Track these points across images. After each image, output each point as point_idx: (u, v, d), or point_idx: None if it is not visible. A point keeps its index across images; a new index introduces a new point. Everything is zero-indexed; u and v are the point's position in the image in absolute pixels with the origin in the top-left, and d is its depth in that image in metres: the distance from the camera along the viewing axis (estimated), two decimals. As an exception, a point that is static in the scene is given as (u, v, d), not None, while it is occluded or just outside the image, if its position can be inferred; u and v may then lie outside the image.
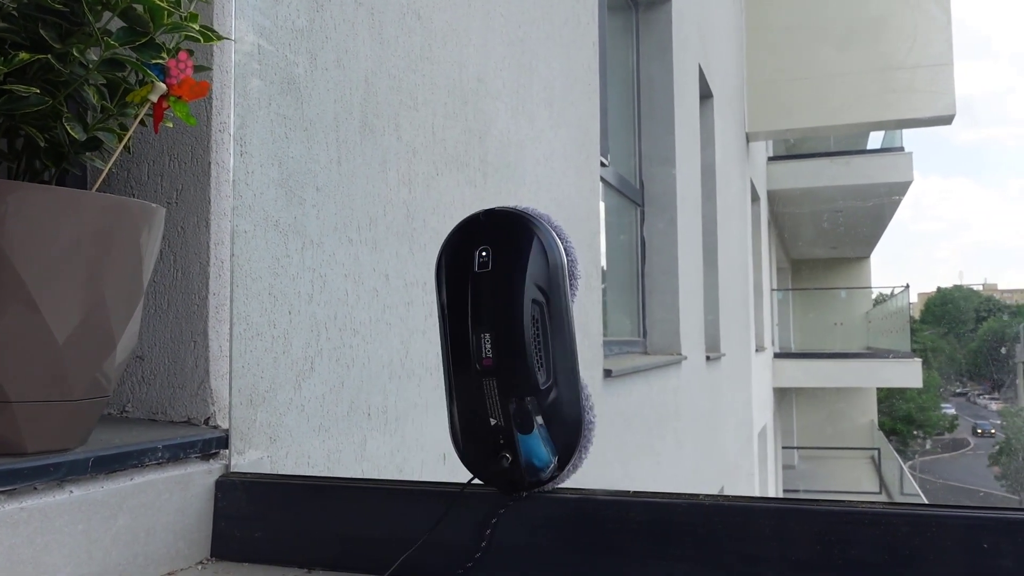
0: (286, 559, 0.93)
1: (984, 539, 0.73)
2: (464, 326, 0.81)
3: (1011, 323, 23.60)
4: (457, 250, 0.83)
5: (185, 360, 1.02)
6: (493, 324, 0.80)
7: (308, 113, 1.21)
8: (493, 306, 0.80)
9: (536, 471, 0.82)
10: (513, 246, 0.80)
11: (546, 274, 0.80)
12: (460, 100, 1.70)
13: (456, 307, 0.82)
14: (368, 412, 1.34)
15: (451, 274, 0.83)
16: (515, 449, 0.81)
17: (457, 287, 0.82)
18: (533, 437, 0.80)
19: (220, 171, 1.02)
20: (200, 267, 1.01)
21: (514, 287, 0.79)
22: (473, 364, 0.81)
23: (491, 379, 0.80)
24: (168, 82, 0.78)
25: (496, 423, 0.81)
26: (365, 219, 1.34)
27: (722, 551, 0.80)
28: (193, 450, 0.95)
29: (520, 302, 0.79)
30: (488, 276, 0.80)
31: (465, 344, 0.81)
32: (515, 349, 0.79)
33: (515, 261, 0.80)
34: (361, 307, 1.33)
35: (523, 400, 0.79)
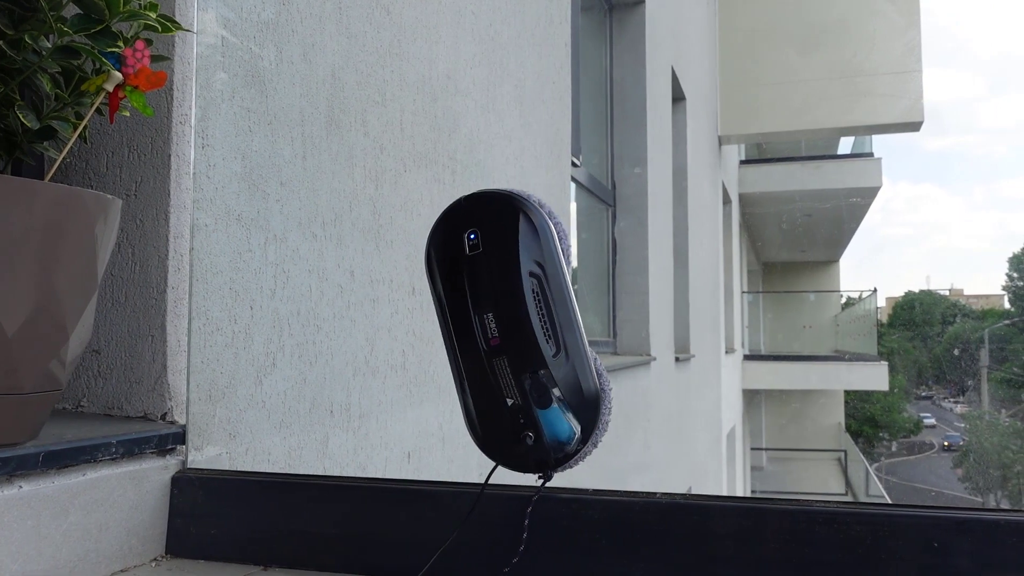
0: (243, 557, 0.92)
1: (935, 538, 0.74)
2: (465, 311, 0.80)
3: (976, 328, 23.96)
4: (444, 238, 0.81)
5: (142, 354, 1.00)
6: (494, 303, 0.79)
7: (273, 107, 1.20)
8: (492, 285, 0.79)
9: (562, 445, 0.80)
10: (501, 223, 0.80)
11: (538, 245, 0.79)
12: (429, 97, 1.70)
13: (454, 294, 0.80)
14: (331, 409, 1.33)
15: (443, 263, 0.81)
16: (537, 426, 0.79)
17: (451, 274, 0.81)
18: (553, 411, 0.79)
19: (180, 163, 1.01)
20: (159, 260, 1.00)
21: (509, 262, 0.78)
22: (480, 347, 0.79)
23: (501, 358, 0.79)
24: (124, 71, 0.76)
25: (513, 402, 0.79)
26: (330, 215, 1.33)
27: (679, 550, 0.81)
28: (148, 446, 0.93)
29: (518, 276, 0.78)
30: (481, 257, 0.79)
31: (469, 329, 0.80)
32: (520, 323, 0.78)
33: (506, 237, 0.79)
34: (325, 303, 1.31)
35: (537, 374, 0.78)
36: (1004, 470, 19.68)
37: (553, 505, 0.85)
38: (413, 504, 0.90)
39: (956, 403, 25.62)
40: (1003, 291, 27.58)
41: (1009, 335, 23.08)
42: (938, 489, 20.25)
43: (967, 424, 23.33)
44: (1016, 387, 20.78)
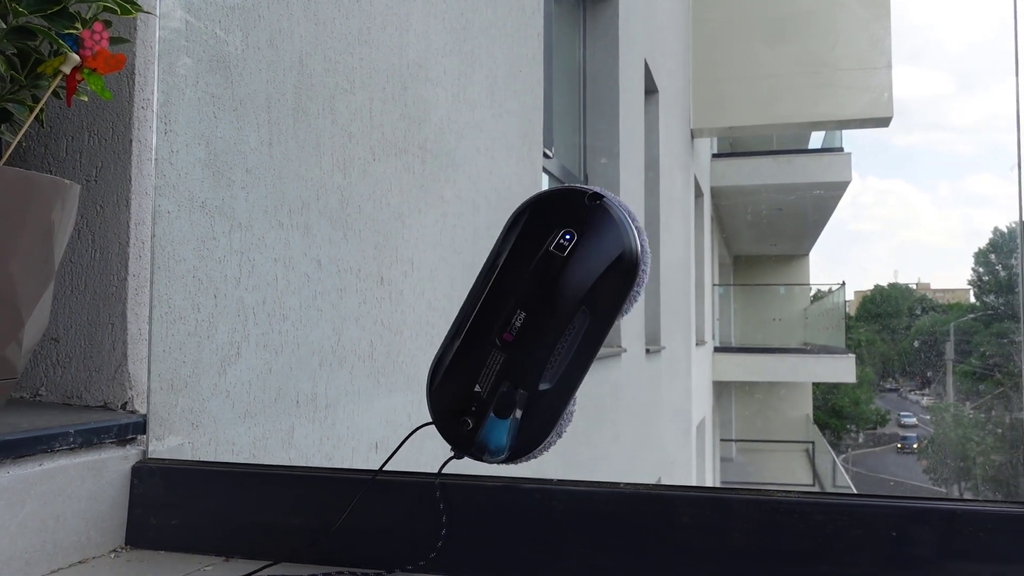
0: (204, 547, 0.91)
1: (893, 527, 0.75)
2: (508, 292, 0.77)
3: (943, 321, 24.33)
4: (545, 216, 0.77)
5: (102, 343, 0.99)
6: (535, 309, 0.76)
7: (238, 93, 1.19)
8: (547, 293, 0.76)
9: (485, 452, 0.80)
10: (600, 248, 0.75)
11: (612, 293, 0.75)
12: (399, 85, 1.68)
13: (511, 270, 0.77)
14: (297, 399, 1.32)
15: (526, 235, 0.77)
16: (480, 423, 0.78)
17: (523, 253, 0.77)
18: (502, 424, 0.78)
19: (142, 149, 0.99)
20: (119, 247, 0.98)
21: (577, 289, 0.75)
22: (494, 331, 0.77)
23: (500, 354, 0.77)
24: (82, 53, 0.75)
25: (479, 392, 0.78)
26: (297, 203, 1.32)
27: (644, 540, 0.81)
28: (108, 435, 0.92)
29: (574, 305, 0.75)
30: (560, 262, 0.75)
31: (498, 309, 0.77)
32: (540, 344, 0.76)
33: (594, 265, 0.75)
34: (291, 292, 1.30)
35: (515, 389, 0.77)
36: (967, 461, 20.03)
37: (518, 495, 0.85)
38: (379, 494, 0.90)
39: (922, 395, 26.02)
40: (969, 286, 28.00)
41: (974, 329, 23.46)
42: (901, 480, 20.56)
43: (931, 416, 23.70)
44: (980, 380, 21.14)
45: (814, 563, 0.77)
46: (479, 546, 0.84)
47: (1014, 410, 19.22)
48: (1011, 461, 18.22)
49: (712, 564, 0.79)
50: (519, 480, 0.87)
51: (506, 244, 0.78)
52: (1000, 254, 24.42)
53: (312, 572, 0.85)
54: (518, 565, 0.83)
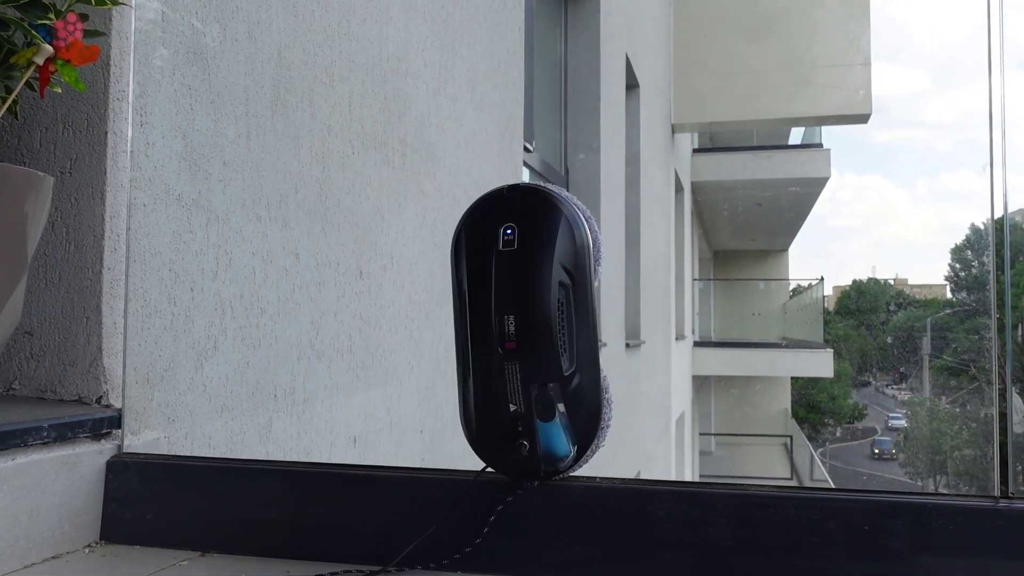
0: (180, 542, 0.91)
1: (865, 521, 0.76)
2: (486, 307, 0.77)
3: (920, 317, 24.56)
4: (479, 227, 0.78)
5: (77, 336, 0.98)
6: (518, 306, 0.76)
7: (216, 85, 1.18)
8: (519, 287, 0.76)
9: (554, 460, 0.78)
10: (540, 224, 0.76)
11: (573, 255, 0.76)
12: (379, 78, 1.68)
13: (478, 287, 0.77)
14: (275, 393, 1.31)
15: (472, 252, 0.78)
16: (534, 437, 0.77)
17: (479, 266, 0.77)
18: (553, 425, 0.77)
19: (117, 141, 0.98)
20: (94, 240, 0.97)
21: (541, 268, 0.75)
22: (495, 347, 0.76)
23: (514, 363, 0.76)
24: (55, 44, 0.74)
25: (516, 409, 0.77)
26: (275, 196, 1.31)
27: (620, 534, 0.81)
28: (83, 429, 0.91)
29: (548, 283, 0.75)
30: (513, 255, 0.76)
31: (487, 326, 0.77)
32: (540, 332, 0.75)
33: (543, 240, 0.75)
34: (269, 286, 1.30)
35: (546, 386, 0.76)
36: (942, 456, 20.25)
37: (494, 490, 0.85)
38: (358, 489, 0.90)
39: (899, 390, 26.26)
40: (945, 281, 28.28)
41: (950, 324, 23.69)
42: (877, 474, 20.76)
43: (908, 410, 23.92)
44: (955, 375, 21.36)
45: (789, 556, 0.78)
46: (461, 543, 0.84)
47: (988, 405, 19.46)
48: (985, 455, 18.44)
49: (688, 558, 0.79)
50: (496, 476, 0.87)
51: (460, 268, 0.79)
52: (976, 251, 24.68)
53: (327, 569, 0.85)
54: (497, 559, 0.83)
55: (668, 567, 0.79)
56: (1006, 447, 0.80)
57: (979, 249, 24.02)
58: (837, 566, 0.76)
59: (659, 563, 0.80)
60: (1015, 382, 4.21)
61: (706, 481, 0.82)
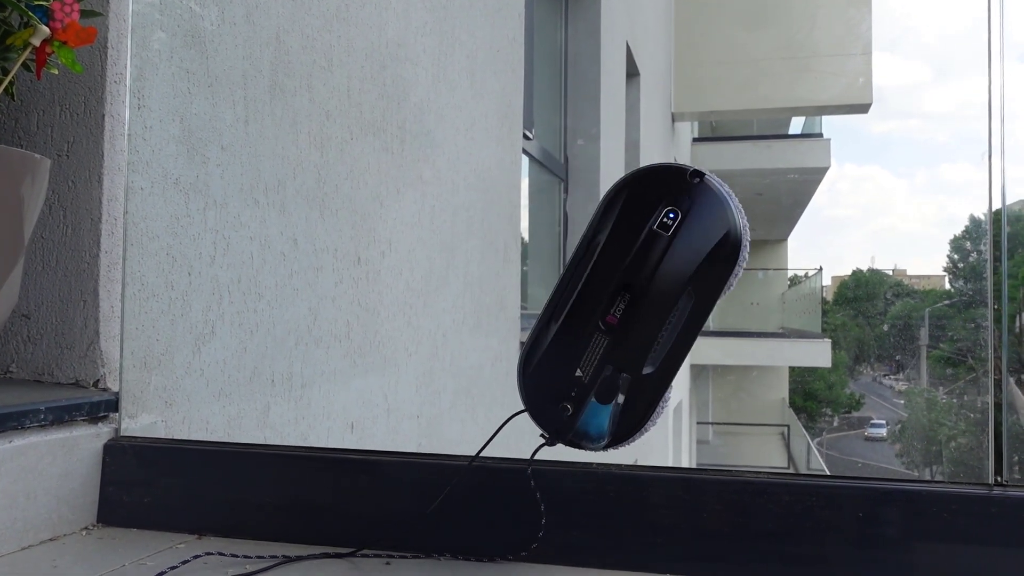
0: (176, 525, 0.91)
1: (860, 508, 0.76)
2: (610, 274, 0.74)
3: (918, 307, 24.56)
4: (646, 193, 0.74)
5: (74, 320, 0.98)
6: (640, 290, 0.73)
7: (214, 69, 1.17)
8: (652, 276, 0.73)
9: (584, 438, 0.77)
10: (706, 227, 0.73)
11: (714, 272, 0.74)
12: (378, 64, 1.67)
13: (613, 251, 0.74)
14: (272, 379, 1.31)
15: (627, 214, 0.74)
16: (580, 408, 0.76)
17: (625, 232, 0.74)
18: (604, 409, 0.76)
19: (115, 124, 0.98)
20: (91, 223, 0.97)
21: (683, 269, 0.73)
22: (596, 315, 0.75)
23: (604, 338, 0.75)
24: (52, 26, 0.74)
25: (580, 376, 0.76)
26: (273, 181, 1.31)
27: (616, 520, 0.81)
28: (80, 412, 0.91)
29: (681, 288, 0.73)
30: (664, 241, 0.73)
31: (600, 291, 0.74)
32: (645, 326, 0.74)
33: (700, 244, 0.73)
34: (267, 271, 1.30)
35: (619, 373, 0.75)
36: (939, 446, 20.29)
37: (487, 475, 0.86)
38: (356, 474, 0.90)
39: (896, 380, 26.30)
40: (944, 272, 28.28)
41: (949, 315, 23.70)
42: (874, 463, 20.81)
43: (905, 400, 23.95)
44: (953, 365, 21.39)
45: (783, 543, 0.78)
46: (453, 526, 0.85)
47: (984, 395, 19.49)
48: (981, 445, 18.51)
49: (683, 543, 0.80)
50: (490, 460, 0.87)
51: (605, 223, 0.75)
52: (974, 241, 24.67)
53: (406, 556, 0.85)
54: (497, 543, 0.83)
55: (664, 552, 0.80)
56: (1001, 435, 0.80)
57: (977, 239, 24.01)
58: (831, 553, 0.77)
59: (656, 549, 0.80)
60: (1012, 372, 4.22)
61: (701, 468, 0.81)
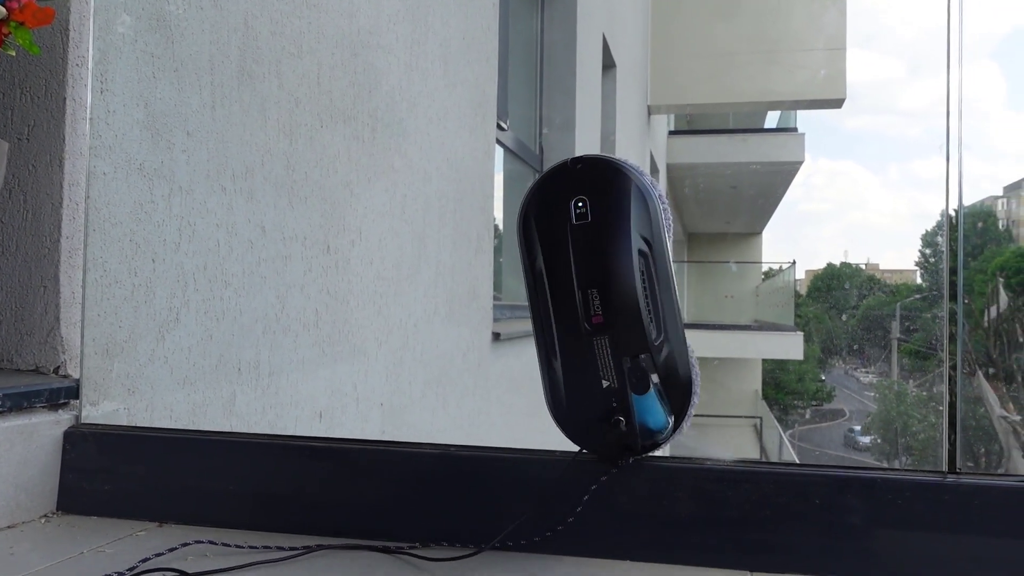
0: (137, 513, 0.90)
1: (816, 495, 0.77)
2: (568, 284, 0.75)
3: (889, 301, 24.82)
4: (547, 203, 0.76)
5: (34, 306, 0.97)
6: (601, 279, 0.74)
7: (180, 53, 1.16)
8: (599, 260, 0.75)
9: (651, 433, 0.77)
10: (612, 195, 0.75)
11: (648, 222, 0.75)
12: (348, 51, 1.66)
13: (556, 264, 0.76)
14: (239, 367, 1.30)
15: (546, 229, 0.76)
16: (629, 412, 0.76)
17: (554, 243, 0.76)
18: (649, 397, 0.76)
19: (76, 108, 0.97)
20: (52, 208, 0.96)
21: (621, 238, 0.74)
22: (581, 324, 0.75)
23: (603, 338, 0.75)
24: (9, 6, 0.73)
25: (609, 385, 0.76)
26: (241, 168, 1.30)
27: (595, 508, 0.82)
28: (39, 399, 0.90)
29: (629, 253, 0.74)
30: (589, 228, 0.75)
31: (571, 303, 0.75)
32: (627, 304, 0.74)
33: (618, 210, 0.74)
34: (234, 259, 1.29)
35: (638, 358, 0.75)
36: (909, 438, 20.54)
37: (451, 461, 0.86)
38: (323, 461, 0.90)
39: (867, 373, 26.58)
40: (915, 266, 28.59)
41: (920, 308, 23.96)
42: (845, 455, 21.03)
43: (876, 393, 24.21)
44: (923, 358, 21.65)
45: (744, 529, 0.79)
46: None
47: (955, 387, 19.69)
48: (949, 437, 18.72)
49: (646, 530, 0.80)
50: (449, 447, 0.87)
51: (533, 249, 0.77)
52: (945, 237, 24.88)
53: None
54: (459, 529, 0.83)
55: (630, 539, 0.80)
56: (955, 425, 0.81)
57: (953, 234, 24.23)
58: (792, 539, 0.77)
59: (622, 537, 0.81)
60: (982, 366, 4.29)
61: (665, 456, 0.82)
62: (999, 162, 41.40)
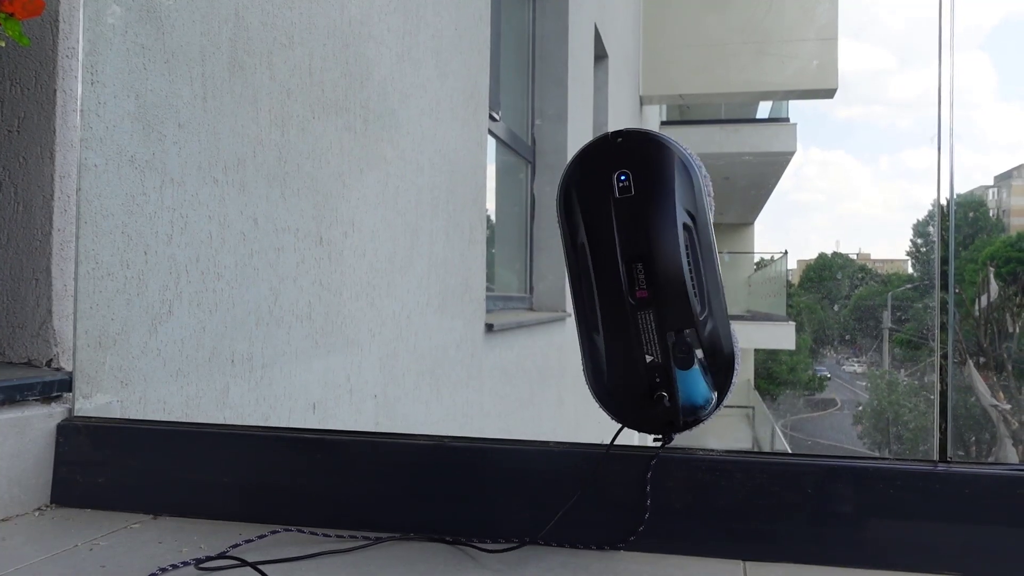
0: (131, 505, 0.91)
1: (808, 484, 0.77)
2: (612, 258, 0.74)
3: (881, 291, 24.89)
4: (590, 176, 0.75)
5: (26, 298, 0.96)
6: (646, 252, 0.73)
7: (170, 44, 1.15)
8: (644, 233, 0.73)
9: (695, 409, 0.76)
10: (656, 168, 0.74)
11: (692, 195, 0.74)
12: (340, 42, 1.65)
13: (599, 238, 0.74)
14: (232, 359, 1.30)
15: (588, 203, 0.75)
16: (673, 387, 0.75)
17: (597, 216, 0.74)
18: (692, 372, 0.75)
19: (67, 99, 0.96)
20: (43, 201, 0.96)
21: (665, 211, 0.73)
22: (626, 299, 0.74)
23: (647, 312, 0.74)
24: (-2, -3, 0.72)
25: (652, 360, 0.75)
26: (233, 159, 1.30)
27: (588, 498, 0.82)
28: (32, 392, 0.90)
29: (674, 227, 0.73)
30: (632, 201, 0.73)
31: (614, 277, 0.74)
32: (672, 278, 0.73)
33: (661, 183, 0.73)
34: (226, 251, 1.28)
35: (682, 333, 0.74)
36: (900, 427, 20.63)
37: (446, 453, 0.86)
38: (316, 453, 0.90)
39: (858, 363, 26.66)
40: (907, 256, 28.69)
41: (912, 298, 24.04)
42: (837, 444, 21.12)
43: (868, 383, 24.29)
44: (915, 348, 21.73)
45: (736, 519, 0.79)
46: (640, 521, 0.85)
47: (946, 376, 19.77)
48: (940, 426, 18.81)
49: (640, 519, 0.81)
50: (443, 438, 0.88)
51: (574, 223, 0.76)
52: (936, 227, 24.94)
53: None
54: (452, 520, 0.84)
55: (621, 528, 0.81)
56: (946, 415, 0.82)
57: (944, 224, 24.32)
58: (783, 528, 0.78)
59: (614, 525, 0.81)
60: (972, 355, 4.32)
61: (656, 447, 0.82)
62: (990, 152, 41.51)
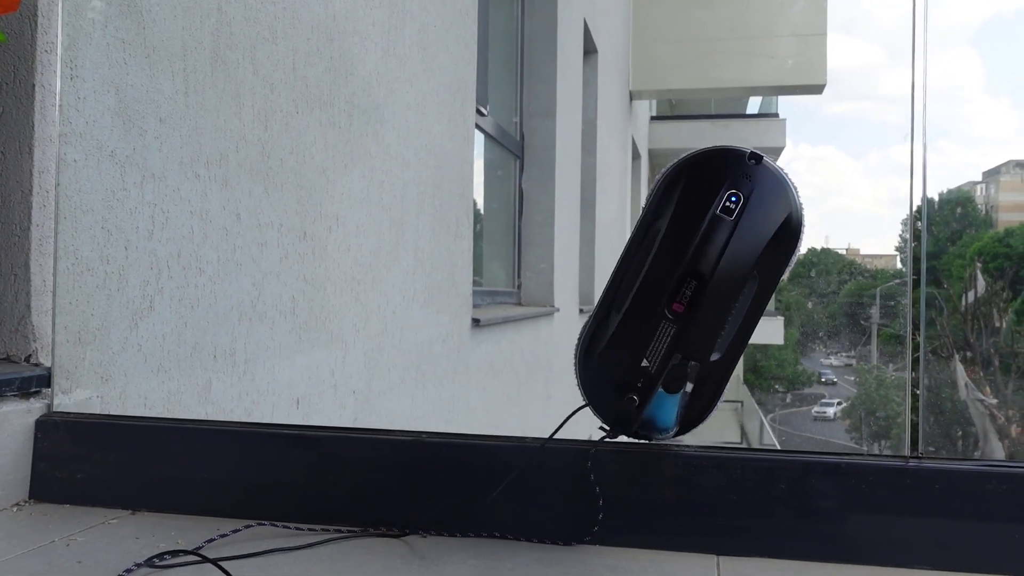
0: (110, 501, 0.91)
1: (782, 480, 0.78)
2: (676, 261, 0.73)
3: (870, 286, 25.01)
4: (704, 177, 0.73)
5: (4, 294, 0.96)
6: (707, 276, 0.72)
7: (151, 39, 1.15)
8: (716, 261, 0.72)
9: (653, 429, 0.76)
10: (767, 209, 0.72)
11: (777, 255, 0.72)
12: (324, 37, 1.65)
13: (677, 237, 0.73)
14: (214, 354, 1.30)
15: (689, 199, 0.73)
16: (647, 398, 0.75)
17: (688, 217, 0.73)
18: (672, 399, 0.75)
19: (46, 94, 0.96)
20: (22, 196, 0.95)
21: (748, 254, 0.72)
22: (662, 303, 0.73)
23: (672, 326, 0.73)
24: (-27, -8, 0.72)
25: (647, 367, 0.74)
26: (215, 154, 1.29)
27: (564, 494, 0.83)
28: (10, 388, 0.90)
29: (748, 271, 0.72)
30: (729, 226, 0.72)
31: (665, 279, 0.73)
32: (712, 314, 0.72)
33: (763, 228, 0.72)
34: (208, 246, 1.28)
35: (687, 362, 0.73)
36: (888, 421, 20.75)
37: (424, 449, 0.86)
38: (295, 448, 0.90)
39: (848, 357, 26.80)
40: (896, 251, 28.85)
41: (900, 293, 24.16)
42: (823, 438, 21.23)
43: (856, 377, 24.41)
44: (902, 342, 21.84)
45: (712, 514, 0.80)
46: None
47: (933, 372, 19.95)
48: (927, 421, 18.92)
49: (615, 515, 0.81)
50: (421, 434, 0.88)
51: (664, 207, 0.74)
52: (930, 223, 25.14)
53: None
54: (429, 515, 0.84)
55: (608, 524, 0.81)
56: (918, 410, 0.83)
57: (932, 221, 24.50)
58: (758, 523, 0.79)
59: (601, 521, 0.82)
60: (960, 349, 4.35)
61: (642, 443, 0.83)
62: (978, 148, 41.67)
